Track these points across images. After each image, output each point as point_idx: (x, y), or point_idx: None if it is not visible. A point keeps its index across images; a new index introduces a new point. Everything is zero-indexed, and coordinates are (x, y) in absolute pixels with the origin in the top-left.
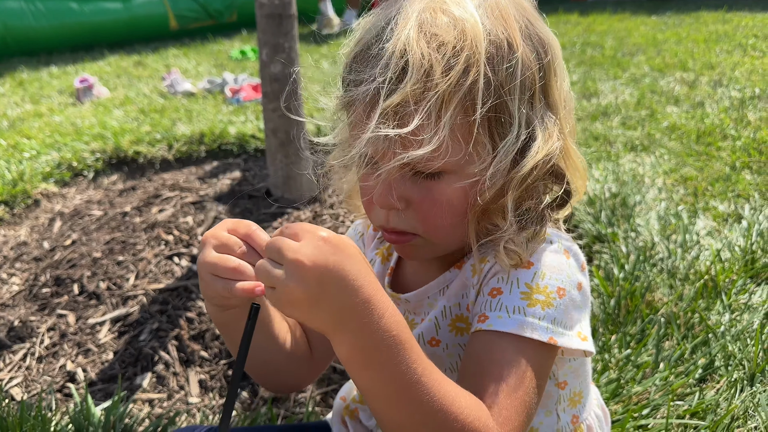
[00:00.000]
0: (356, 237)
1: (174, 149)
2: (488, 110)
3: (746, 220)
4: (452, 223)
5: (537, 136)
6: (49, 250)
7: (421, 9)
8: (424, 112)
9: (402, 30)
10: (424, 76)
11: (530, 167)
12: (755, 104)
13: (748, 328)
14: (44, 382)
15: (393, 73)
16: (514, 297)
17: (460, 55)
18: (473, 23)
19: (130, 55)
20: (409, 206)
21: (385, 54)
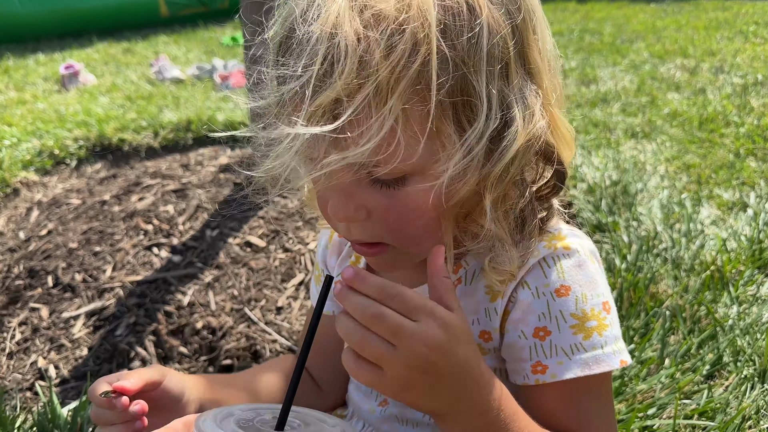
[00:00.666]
0: (321, 250)
1: (160, 136)
2: (450, 94)
3: (752, 209)
4: (425, 228)
5: (515, 117)
6: (23, 241)
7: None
8: (360, 105)
9: (329, 5)
10: (358, 63)
11: (509, 158)
12: (758, 90)
13: (757, 321)
14: (14, 379)
15: (321, 63)
16: (565, 335)
17: (405, 30)
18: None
19: (119, 42)
20: (371, 216)
21: (312, 39)
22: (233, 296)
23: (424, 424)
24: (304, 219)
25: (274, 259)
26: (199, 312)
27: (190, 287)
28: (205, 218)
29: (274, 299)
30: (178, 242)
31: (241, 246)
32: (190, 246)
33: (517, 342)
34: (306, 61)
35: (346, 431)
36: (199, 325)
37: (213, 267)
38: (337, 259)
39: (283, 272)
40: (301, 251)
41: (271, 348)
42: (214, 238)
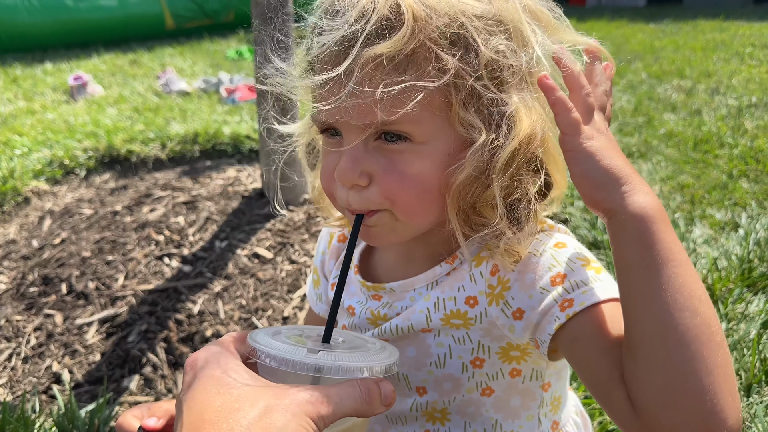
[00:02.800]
0: (319, 255)
1: (167, 148)
2: (472, 90)
3: (743, 229)
4: (421, 200)
5: (521, 115)
6: (37, 249)
7: None
8: (414, 74)
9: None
10: (418, 31)
11: (513, 147)
12: (752, 113)
13: (744, 337)
14: (29, 383)
15: (377, 20)
16: (579, 271)
17: (456, 21)
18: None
19: (126, 54)
20: (372, 181)
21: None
22: (241, 305)
23: (412, 419)
24: (310, 232)
25: (281, 271)
26: (209, 320)
27: (200, 296)
28: (215, 230)
29: (280, 309)
30: (188, 253)
31: (249, 257)
32: (200, 257)
33: (542, 299)
34: (360, 14)
35: (386, 348)
36: (209, 333)
37: (222, 277)
38: (335, 263)
39: (289, 283)
40: (307, 263)
41: None
42: (223, 249)
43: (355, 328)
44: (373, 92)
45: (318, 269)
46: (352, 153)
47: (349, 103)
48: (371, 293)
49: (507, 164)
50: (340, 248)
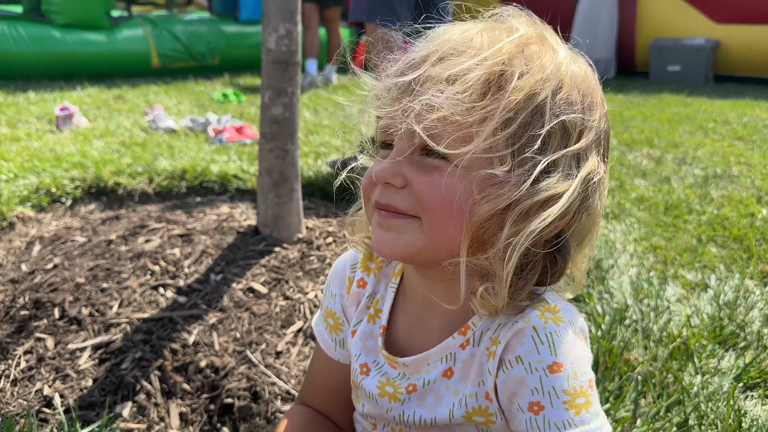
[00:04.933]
0: (339, 300)
1: (155, 183)
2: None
3: (713, 290)
4: (448, 214)
5: (562, 185)
6: (28, 273)
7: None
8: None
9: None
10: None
11: (543, 198)
12: (717, 183)
13: (718, 390)
14: (18, 405)
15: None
16: (558, 410)
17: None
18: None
19: (110, 89)
20: (407, 185)
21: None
22: (236, 338)
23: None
24: (304, 270)
25: (275, 306)
26: (203, 351)
27: (194, 327)
28: (210, 263)
29: (274, 344)
30: (183, 284)
31: (243, 291)
32: (195, 288)
33: (516, 414)
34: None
35: None
36: (203, 363)
37: (217, 309)
38: (356, 309)
39: (283, 318)
40: (301, 300)
41: (270, 390)
42: (218, 282)
43: (364, 389)
44: (426, 108)
45: (337, 313)
46: (395, 157)
47: (401, 112)
48: (389, 361)
49: (528, 211)
50: (360, 294)
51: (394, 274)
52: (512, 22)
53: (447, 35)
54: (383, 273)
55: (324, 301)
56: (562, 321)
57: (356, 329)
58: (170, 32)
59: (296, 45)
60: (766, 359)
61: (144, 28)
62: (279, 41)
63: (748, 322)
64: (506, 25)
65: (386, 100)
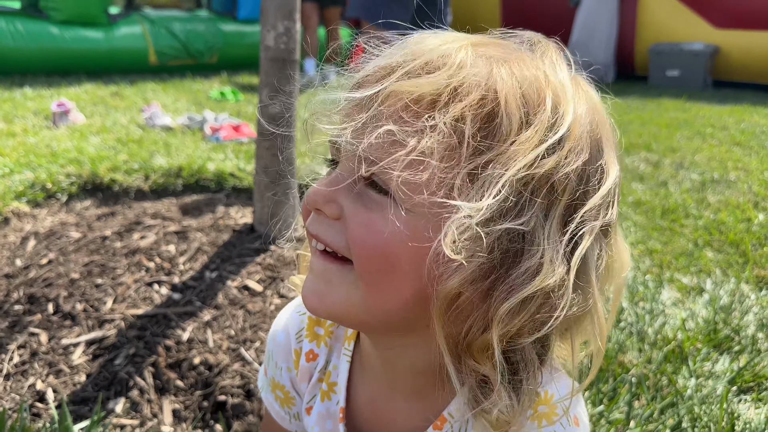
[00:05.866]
0: (286, 374)
1: (151, 180)
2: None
3: (708, 294)
4: (384, 271)
5: (546, 258)
6: (23, 268)
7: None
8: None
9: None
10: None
11: (525, 293)
12: (714, 188)
13: (712, 393)
14: (11, 400)
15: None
16: None
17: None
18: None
19: (108, 85)
20: (341, 218)
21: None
22: (230, 336)
23: None
24: None
25: (270, 304)
26: (198, 348)
27: (189, 324)
28: (205, 260)
29: None
30: (178, 281)
31: (239, 289)
32: (190, 285)
33: None
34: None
35: None
36: (197, 360)
37: (212, 307)
38: (308, 385)
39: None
40: None
41: None
42: (213, 279)
43: None
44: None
45: (287, 386)
46: (333, 180)
47: (348, 133)
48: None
49: (519, 309)
50: (311, 369)
51: (347, 338)
52: (511, 42)
53: (423, 44)
54: (335, 337)
55: (268, 370)
56: (577, 426)
57: (311, 406)
58: (168, 30)
59: (294, 43)
60: (760, 363)
61: (142, 26)
62: (277, 39)
63: (743, 326)
64: (505, 43)
65: (337, 112)
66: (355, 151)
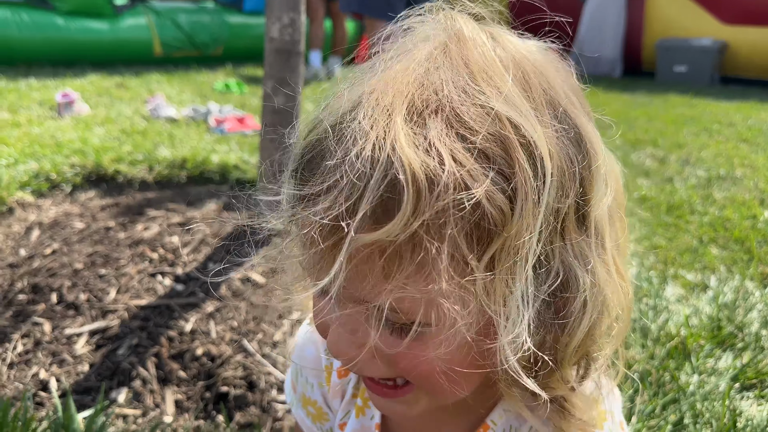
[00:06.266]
0: (318, 390)
1: (155, 171)
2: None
3: (712, 291)
4: (457, 380)
5: (579, 279)
6: (27, 258)
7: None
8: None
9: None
10: (415, 203)
11: (580, 335)
12: (720, 185)
13: (714, 390)
14: (15, 389)
15: (370, 198)
16: None
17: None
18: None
19: (112, 76)
20: (380, 354)
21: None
22: (233, 327)
23: None
24: None
25: (273, 296)
26: (200, 339)
27: (192, 315)
28: (209, 251)
29: (271, 333)
30: (182, 272)
31: (242, 281)
32: (193, 277)
33: None
34: (347, 184)
35: None
36: (200, 351)
37: (214, 298)
38: (341, 402)
39: (280, 309)
40: None
41: (266, 379)
42: (216, 271)
43: None
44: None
45: (318, 402)
46: (349, 320)
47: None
48: None
49: (579, 348)
50: (344, 384)
51: None
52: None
53: (380, 82)
54: None
55: (297, 386)
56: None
57: (344, 422)
58: (174, 21)
59: (300, 35)
60: (764, 360)
61: (147, 17)
62: (282, 30)
63: (747, 324)
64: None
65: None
66: (357, 295)
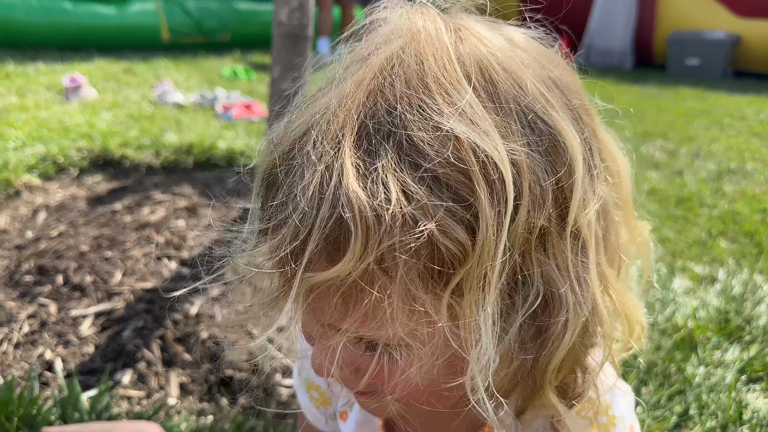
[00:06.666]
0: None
1: (162, 156)
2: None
3: (720, 284)
4: (435, 396)
5: (562, 298)
6: (33, 240)
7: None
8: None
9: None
10: (365, 238)
11: (566, 345)
12: (731, 178)
13: (720, 382)
14: (20, 368)
15: (321, 220)
16: None
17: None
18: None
19: (119, 61)
20: (360, 373)
21: (302, 186)
22: (238, 311)
23: None
24: None
25: None
26: (206, 322)
27: (197, 299)
28: (215, 236)
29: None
30: (188, 256)
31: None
32: (198, 261)
33: None
34: (300, 213)
35: None
36: (205, 334)
37: (220, 282)
38: (342, 389)
39: None
40: None
41: (270, 363)
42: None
43: None
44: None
45: (322, 387)
46: (323, 339)
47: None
48: None
49: (562, 365)
50: None
51: None
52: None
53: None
54: None
55: (302, 371)
56: (616, 424)
57: (344, 411)
58: (181, 7)
59: (308, 19)
60: None
61: (155, 3)
62: (291, 14)
63: (755, 317)
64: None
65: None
66: (321, 322)
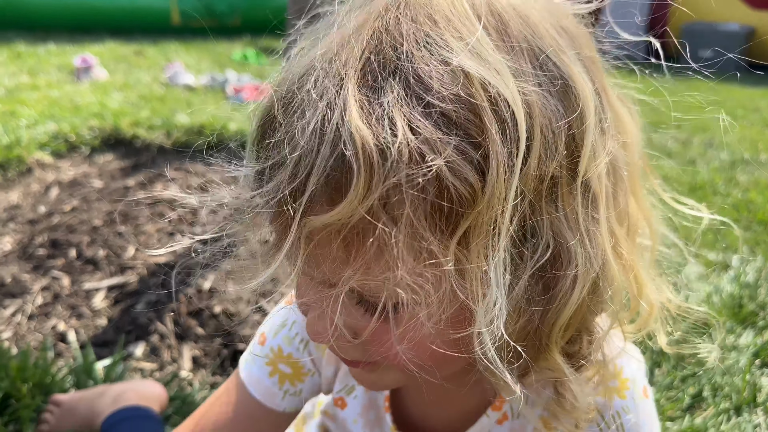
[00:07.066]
0: (300, 347)
1: (173, 137)
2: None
3: (734, 270)
4: (437, 359)
5: (572, 252)
6: (46, 214)
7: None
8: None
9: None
10: (368, 179)
11: (575, 302)
12: (744, 168)
13: (734, 365)
14: (34, 339)
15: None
16: None
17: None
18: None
19: (130, 44)
20: (359, 336)
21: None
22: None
23: None
24: None
25: None
26: (218, 297)
27: (210, 274)
28: (228, 212)
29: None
30: (201, 231)
31: (260, 243)
32: (211, 236)
33: None
34: (294, 161)
35: None
36: (217, 309)
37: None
38: (339, 373)
39: None
40: None
41: None
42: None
43: None
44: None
45: (301, 361)
46: (319, 302)
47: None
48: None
49: (569, 324)
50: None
51: None
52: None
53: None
54: None
55: (273, 339)
56: (627, 388)
57: (341, 396)
58: None
59: None
60: None
61: None
62: None
63: None
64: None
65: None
66: (320, 278)
